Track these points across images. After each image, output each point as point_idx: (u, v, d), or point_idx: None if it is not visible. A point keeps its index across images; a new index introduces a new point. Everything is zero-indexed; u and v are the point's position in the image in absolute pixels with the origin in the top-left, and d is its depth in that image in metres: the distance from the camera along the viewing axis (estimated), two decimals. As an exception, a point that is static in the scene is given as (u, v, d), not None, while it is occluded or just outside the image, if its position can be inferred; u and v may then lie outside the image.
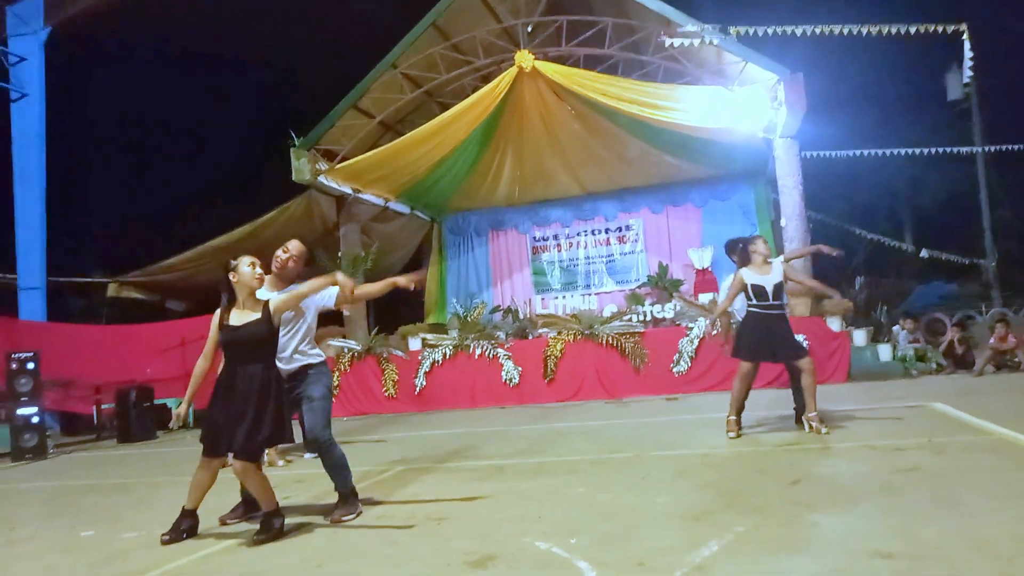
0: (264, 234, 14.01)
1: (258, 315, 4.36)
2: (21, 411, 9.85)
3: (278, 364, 4.57)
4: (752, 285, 6.40)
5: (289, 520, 4.49)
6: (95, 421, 12.46)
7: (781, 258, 6.95)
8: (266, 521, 4.33)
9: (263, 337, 4.36)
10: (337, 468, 4.72)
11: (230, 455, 4.36)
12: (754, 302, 6.40)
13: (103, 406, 12.34)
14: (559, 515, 4.23)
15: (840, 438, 5.92)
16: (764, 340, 6.34)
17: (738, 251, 6.61)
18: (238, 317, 4.38)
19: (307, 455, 7.59)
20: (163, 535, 4.38)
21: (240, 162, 20.24)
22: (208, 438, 4.37)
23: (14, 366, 9.96)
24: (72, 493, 6.71)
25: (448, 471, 6.12)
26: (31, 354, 10.12)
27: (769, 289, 6.37)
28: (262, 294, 4.54)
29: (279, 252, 4.96)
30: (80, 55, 17.11)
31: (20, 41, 14.08)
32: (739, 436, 6.37)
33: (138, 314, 15.27)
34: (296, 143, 12.73)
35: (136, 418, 11.16)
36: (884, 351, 10.83)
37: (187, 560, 3.99)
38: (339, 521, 4.53)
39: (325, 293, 4.91)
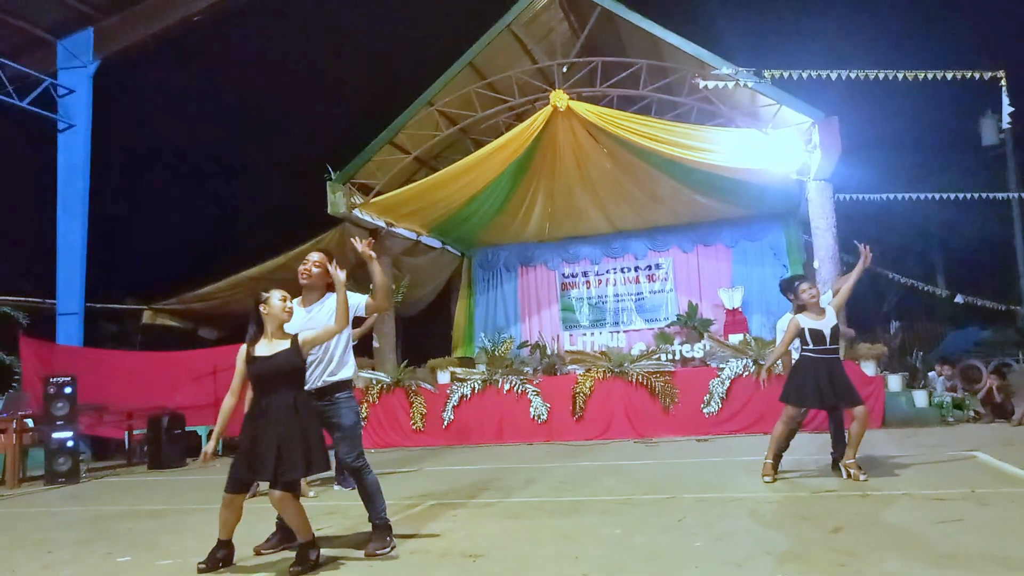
0: (296, 265, 14.11)
1: (287, 345, 4.43)
2: (56, 435, 9.97)
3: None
4: (810, 330, 6.26)
5: (323, 552, 4.49)
6: (126, 446, 12.57)
7: (829, 296, 6.81)
8: (302, 552, 4.33)
9: (294, 367, 4.42)
10: (372, 495, 4.71)
11: (264, 485, 4.38)
12: (811, 347, 6.27)
13: (134, 432, 12.45)
14: (596, 555, 4.19)
15: (880, 486, 5.82)
16: (820, 385, 6.17)
17: (795, 292, 6.49)
18: (267, 348, 4.44)
19: (336, 486, 7.60)
20: (199, 564, 4.40)
21: (275, 194, 20.59)
22: (236, 475, 4.38)
23: (51, 390, 10.10)
24: (107, 518, 6.76)
25: (480, 507, 6.09)
26: (68, 378, 10.27)
27: (827, 333, 6.25)
28: (298, 311, 4.68)
29: (301, 266, 4.93)
30: (125, 87, 17.61)
31: (70, 74, 14.51)
32: (775, 480, 6.29)
33: (171, 341, 15.47)
34: (332, 177, 12.93)
35: (167, 444, 11.24)
36: (919, 397, 10.66)
37: (224, 590, 4.01)
38: (373, 555, 4.52)
39: (352, 303, 4.90)
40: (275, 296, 4.52)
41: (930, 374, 12.31)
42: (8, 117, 14.25)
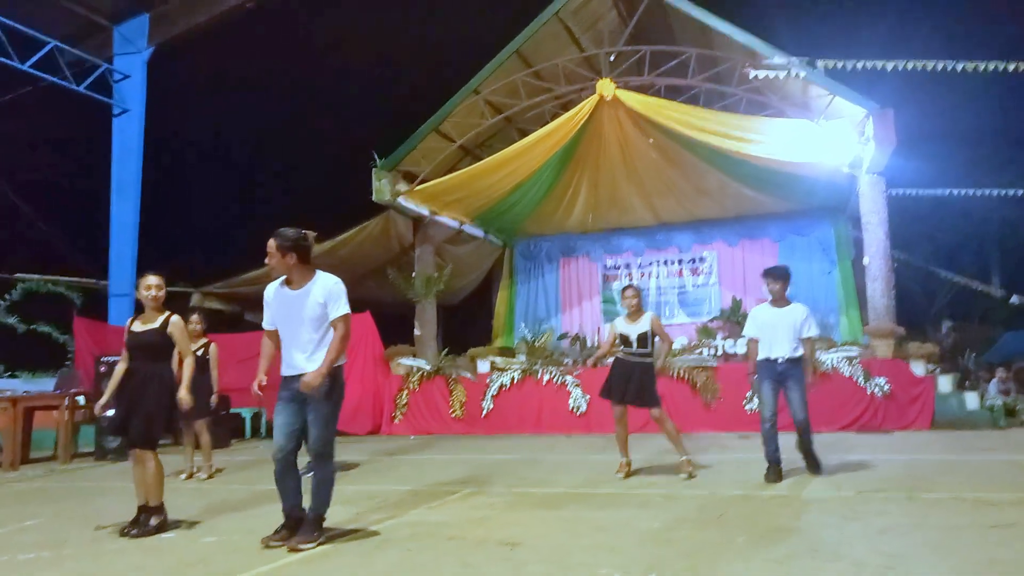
0: (341, 252, 14.31)
1: (156, 326, 5.27)
2: (107, 413, 10.21)
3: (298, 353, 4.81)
4: (619, 333, 6.90)
5: (356, 534, 4.52)
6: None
7: (651, 313, 7.08)
8: (145, 515, 5.07)
9: (158, 344, 5.28)
10: (326, 486, 4.61)
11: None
12: (620, 347, 6.88)
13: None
14: (634, 548, 4.16)
15: (927, 488, 5.67)
16: (619, 383, 6.77)
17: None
18: (139, 325, 5.33)
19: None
20: (128, 531, 5.02)
21: (322, 180, 20.81)
22: (114, 432, 5.40)
23: (103, 369, 10.40)
24: (153, 494, 6.91)
25: (517, 496, 6.09)
26: (119, 358, 10.50)
27: (633, 338, 6.77)
28: (287, 292, 4.95)
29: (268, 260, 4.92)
30: (178, 72, 17.93)
31: (125, 59, 14.87)
32: (627, 476, 6.71)
33: (218, 324, 15.73)
34: (378, 164, 13.01)
35: (212, 425, 11.43)
36: (971, 399, 10.34)
37: (265, 568, 4.06)
38: (296, 549, 4.35)
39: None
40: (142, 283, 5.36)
41: (982, 375, 11.97)
42: (66, 101, 14.65)
